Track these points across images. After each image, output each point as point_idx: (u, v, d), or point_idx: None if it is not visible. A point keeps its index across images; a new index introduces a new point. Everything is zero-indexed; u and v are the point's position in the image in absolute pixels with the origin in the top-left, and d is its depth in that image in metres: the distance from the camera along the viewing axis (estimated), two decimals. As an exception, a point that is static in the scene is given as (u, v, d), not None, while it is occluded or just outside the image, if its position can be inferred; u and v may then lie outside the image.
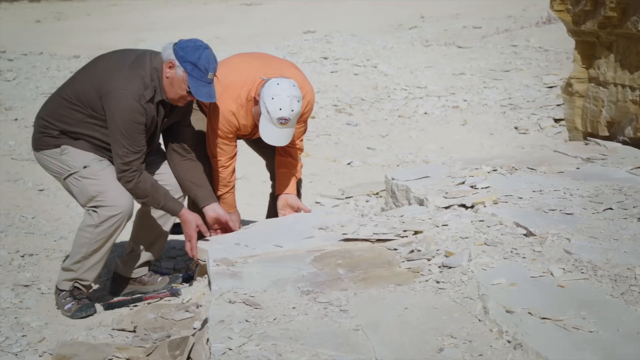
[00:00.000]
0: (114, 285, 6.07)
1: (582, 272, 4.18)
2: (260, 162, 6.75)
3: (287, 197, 6.15)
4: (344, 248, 5.11)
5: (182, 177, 5.80)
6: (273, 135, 5.67)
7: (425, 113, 12.65)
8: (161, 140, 5.86)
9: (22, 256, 6.73)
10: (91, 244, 5.50)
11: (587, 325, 3.62)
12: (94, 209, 5.48)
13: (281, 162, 6.18)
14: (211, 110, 5.90)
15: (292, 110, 5.60)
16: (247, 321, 3.99)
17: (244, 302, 4.25)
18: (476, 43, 17.70)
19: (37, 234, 7.43)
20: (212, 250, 5.34)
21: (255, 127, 5.93)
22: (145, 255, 6.01)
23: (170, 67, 5.39)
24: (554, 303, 3.87)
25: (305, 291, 4.39)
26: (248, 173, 6.05)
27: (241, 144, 6.34)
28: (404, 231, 5.18)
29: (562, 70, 13.73)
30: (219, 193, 6.05)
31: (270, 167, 6.46)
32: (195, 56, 5.35)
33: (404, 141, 11.42)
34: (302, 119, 6.03)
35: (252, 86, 5.80)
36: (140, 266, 6.03)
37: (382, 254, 4.95)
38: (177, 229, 6.91)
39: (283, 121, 5.59)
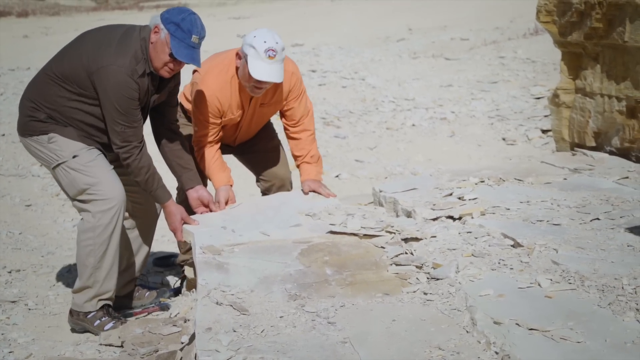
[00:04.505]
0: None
1: (570, 283, 4.17)
2: (248, 175, 6.75)
3: (309, 182, 6.16)
4: (331, 241, 5.14)
5: (169, 157, 5.78)
6: (265, 70, 5.60)
7: (413, 125, 12.67)
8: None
9: (9, 272, 6.70)
10: (96, 248, 5.39)
11: (575, 336, 3.61)
12: (85, 203, 5.39)
13: (295, 146, 6.22)
14: (194, 96, 5.90)
15: (277, 43, 5.62)
16: (234, 331, 3.96)
17: (231, 306, 4.24)
18: (464, 55, 17.76)
19: (24, 250, 7.41)
20: (198, 234, 5.35)
21: (242, 108, 5.95)
22: (129, 273, 5.95)
23: (155, 32, 5.31)
24: (541, 314, 3.86)
25: (293, 295, 4.38)
26: (235, 187, 6.04)
27: (230, 158, 6.35)
28: (391, 227, 5.25)
29: (550, 81, 13.78)
30: (208, 172, 6.05)
31: (263, 186, 6.45)
32: (179, 17, 5.25)
33: (392, 153, 11.43)
34: (294, 95, 6.08)
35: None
36: (127, 284, 5.97)
37: (369, 252, 4.97)
38: (162, 261, 6.91)
39: (271, 53, 5.57)
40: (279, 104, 6.09)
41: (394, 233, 5.19)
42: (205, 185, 5.99)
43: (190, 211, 5.78)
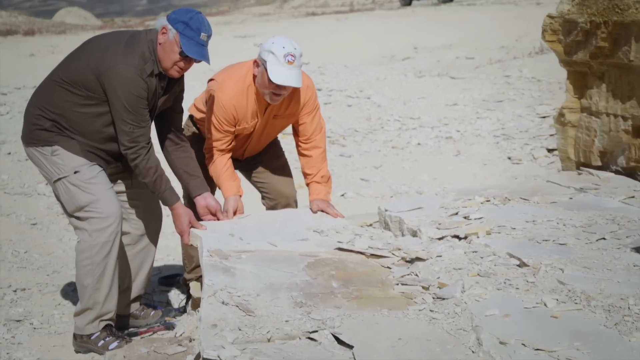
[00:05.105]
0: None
1: (576, 303, 4.16)
2: (254, 194, 6.74)
3: (318, 201, 6.14)
4: (338, 257, 5.15)
5: (176, 165, 5.79)
6: (284, 75, 5.60)
7: (419, 144, 12.66)
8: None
9: (15, 291, 6.70)
10: (94, 267, 5.37)
11: (581, 356, 3.60)
12: (82, 221, 5.38)
13: (306, 163, 6.21)
14: (210, 104, 5.90)
15: (295, 49, 5.64)
16: (239, 329, 3.98)
17: (237, 306, 4.26)
18: (469, 74, 17.75)
19: (29, 268, 7.40)
20: (206, 238, 5.36)
21: (257, 118, 5.94)
22: (133, 290, 5.94)
23: (163, 33, 5.34)
24: (547, 334, 3.85)
25: (299, 303, 4.38)
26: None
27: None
28: (399, 249, 5.23)
29: (555, 100, 13.75)
30: (218, 181, 6.03)
31: (269, 204, 6.44)
32: (187, 17, 5.29)
33: (398, 172, 11.42)
34: (308, 109, 6.09)
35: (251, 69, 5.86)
36: (132, 302, 5.96)
37: (375, 271, 4.97)
38: (167, 280, 6.89)
39: (290, 58, 5.58)
40: (292, 117, 6.09)
41: (401, 257, 5.16)
42: (213, 193, 5.99)
43: (197, 220, 5.78)
